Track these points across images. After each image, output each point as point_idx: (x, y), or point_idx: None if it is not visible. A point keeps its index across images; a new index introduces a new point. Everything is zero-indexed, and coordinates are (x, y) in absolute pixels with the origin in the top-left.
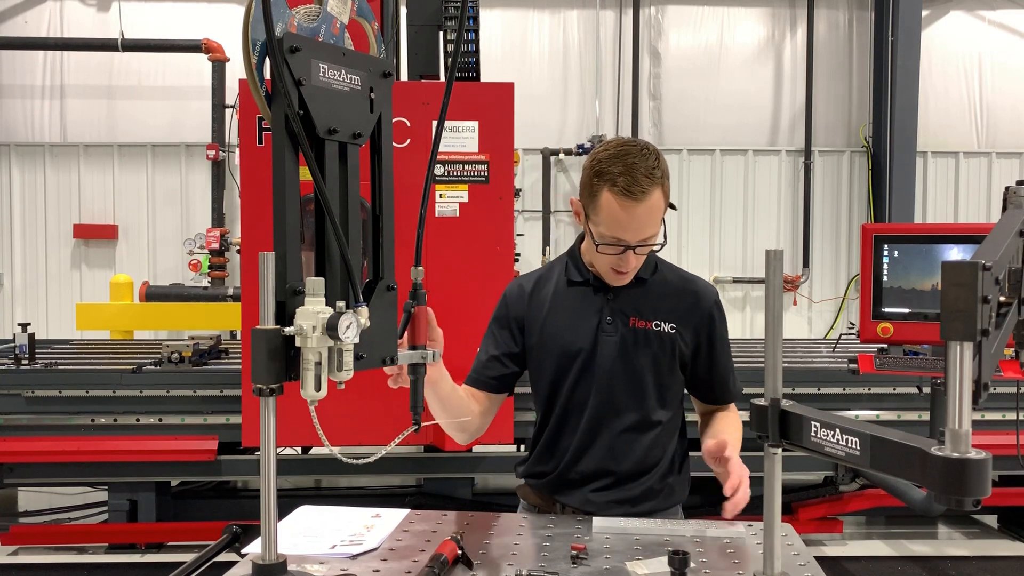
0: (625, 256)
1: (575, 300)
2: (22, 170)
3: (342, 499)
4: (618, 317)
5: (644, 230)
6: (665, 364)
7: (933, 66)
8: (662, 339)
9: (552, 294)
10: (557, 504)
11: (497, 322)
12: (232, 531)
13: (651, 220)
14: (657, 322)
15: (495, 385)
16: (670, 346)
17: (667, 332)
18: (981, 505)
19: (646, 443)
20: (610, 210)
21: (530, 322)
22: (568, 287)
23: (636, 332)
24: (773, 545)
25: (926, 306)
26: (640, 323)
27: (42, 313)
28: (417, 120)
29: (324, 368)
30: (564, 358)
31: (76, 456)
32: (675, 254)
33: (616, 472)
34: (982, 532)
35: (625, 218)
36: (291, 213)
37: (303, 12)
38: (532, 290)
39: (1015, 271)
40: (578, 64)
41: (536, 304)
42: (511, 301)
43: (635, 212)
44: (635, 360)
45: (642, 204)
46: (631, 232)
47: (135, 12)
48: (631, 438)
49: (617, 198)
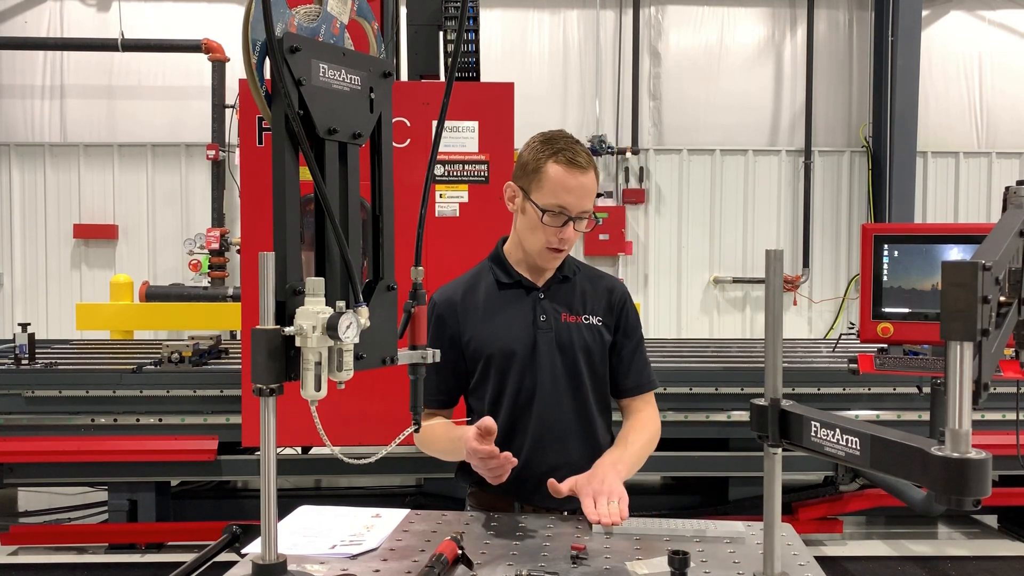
0: (565, 229)
1: (507, 302)
2: (22, 170)
3: (342, 499)
4: (551, 314)
5: (584, 200)
6: (597, 355)
7: (933, 66)
8: (592, 331)
9: (484, 299)
10: (516, 505)
11: (434, 343)
12: (232, 531)
13: (589, 193)
14: (586, 316)
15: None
16: (599, 337)
17: (595, 324)
18: (981, 505)
19: (591, 433)
20: (557, 177)
21: (466, 332)
22: (499, 290)
23: (569, 327)
24: (773, 545)
25: (926, 306)
26: (571, 318)
27: (42, 313)
28: (417, 120)
29: (324, 368)
30: (504, 360)
31: (76, 456)
32: (675, 254)
33: (570, 464)
34: (982, 532)
35: (572, 183)
36: (291, 213)
37: (303, 12)
38: (462, 299)
39: (1015, 271)
40: (578, 64)
41: (469, 312)
42: (446, 319)
43: (579, 180)
44: (572, 353)
45: (584, 175)
46: (574, 198)
47: (135, 12)
48: (577, 429)
49: (563, 166)
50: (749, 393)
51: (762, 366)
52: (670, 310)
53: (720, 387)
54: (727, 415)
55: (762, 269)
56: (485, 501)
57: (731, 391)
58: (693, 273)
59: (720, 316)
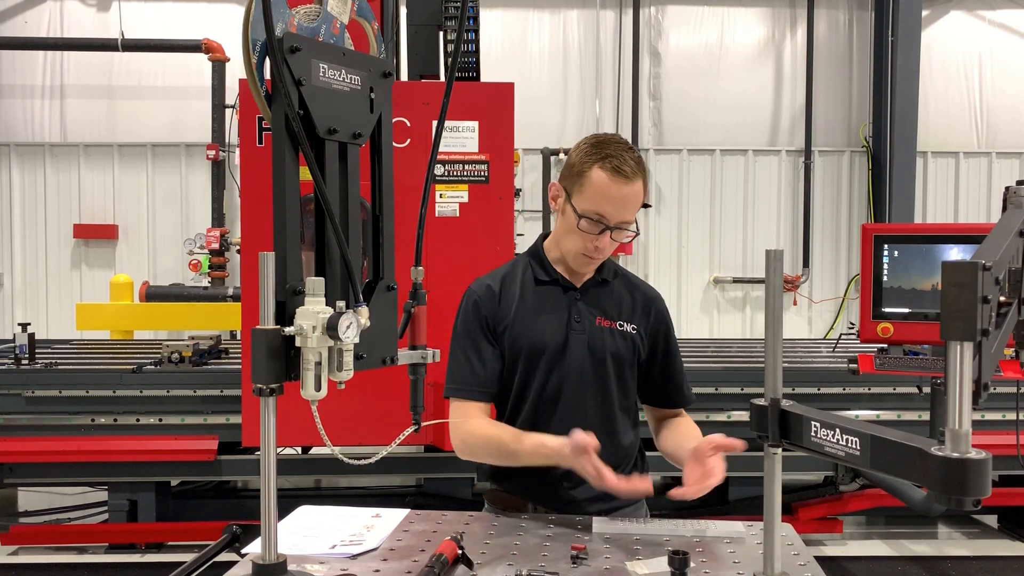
0: (601, 238)
1: (543, 298)
2: (22, 170)
3: (342, 499)
4: (586, 316)
5: (625, 211)
6: (627, 363)
7: (933, 66)
8: (625, 338)
9: (519, 293)
10: (529, 505)
11: (475, 329)
12: (232, 531)
13: (632, 204)
14: (620, 322)
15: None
16: (632, 346)
17: (629, 332)
18: (981, 505)
19: (612, 439)
20: (599, 183)
21: (502, 322)
22: (536, 286)
23: (602, 331)
24: (773, 545)
25: (926, 306)
26: (605, 322)
27: (42, 313)
28: (417, 120)
29: (324, 368)
30: (534, 355)
31: (76, 456)
32: (675, 254)
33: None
34: (982, 532)
35: (612, 193)
36: (291, 213)
37: (303, 12)
38: (500, 289)
39: (1015, 271)
40: (578, 64)
41: (505, 302)
42: (483, 305)
43: (621, 190)
44: (602, 357)
45: (628, 185)
46: (613, 208)
47: (135, 12)
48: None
49: (607, 173)
50: (749, 393)
51: (762, 366)
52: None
53: (720, 387)
54: (727, 415)
55: (762, 269)
56: (500, 500)
57: (731, 391)
58: (693, 273)
59: (720, 316)
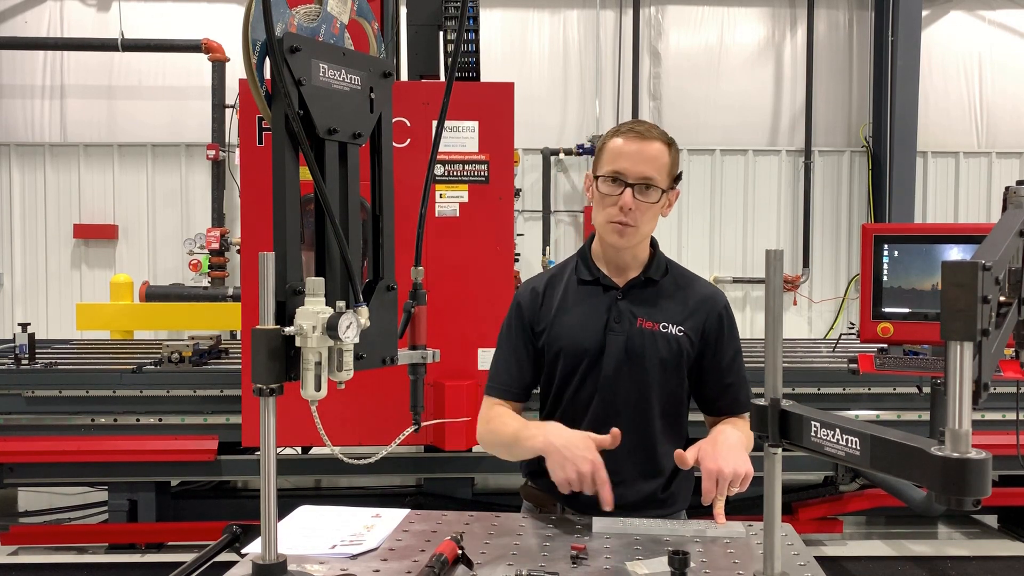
0: (624, 197)
1: (583, 299)
2: (22, 170)
3: (342, 499)
4: (626, 317)
5: (641, 165)
6: (671, 367)
7: (933, 66)
8: (669, 341)
9: (563, 293)
10: (558, 505)
11: (516, 332)
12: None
13: (649, 160)
14: (665, 324)
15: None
16: (676, 349)
17: (674, 335)
18: (981, 505)
19: (648, 447)
20: (613, 146)
21: (542, 323)
22: (579, 286)
23: (643, 333)
24: (773, 545)
25: (926, 306)
26: (648, 324)
27: (42, 313)
28: (417, 120)
29: (324, 368)
30: (571, 357)
31: (76, 456)
32: (675, 254)
33: (618, 475)
34: (982, 532)
35: (626, 149)
36: (291, 213)
37: (303, 12)
38: (544, 290)
39: (1015, 271)
40: (578, 64)
41: (547, 303)
42: (524, 308)
43: (635, 145)
44: (640, 361)
45: (644, 142)
46: (629, 162)
47: (135, 12)
48: (632, 441)
49: (622, 137)
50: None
51: (762, 366)
52: None
53: None
54: None
55: (762, 269)
56: (533, 496)
57: None
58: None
59: None
